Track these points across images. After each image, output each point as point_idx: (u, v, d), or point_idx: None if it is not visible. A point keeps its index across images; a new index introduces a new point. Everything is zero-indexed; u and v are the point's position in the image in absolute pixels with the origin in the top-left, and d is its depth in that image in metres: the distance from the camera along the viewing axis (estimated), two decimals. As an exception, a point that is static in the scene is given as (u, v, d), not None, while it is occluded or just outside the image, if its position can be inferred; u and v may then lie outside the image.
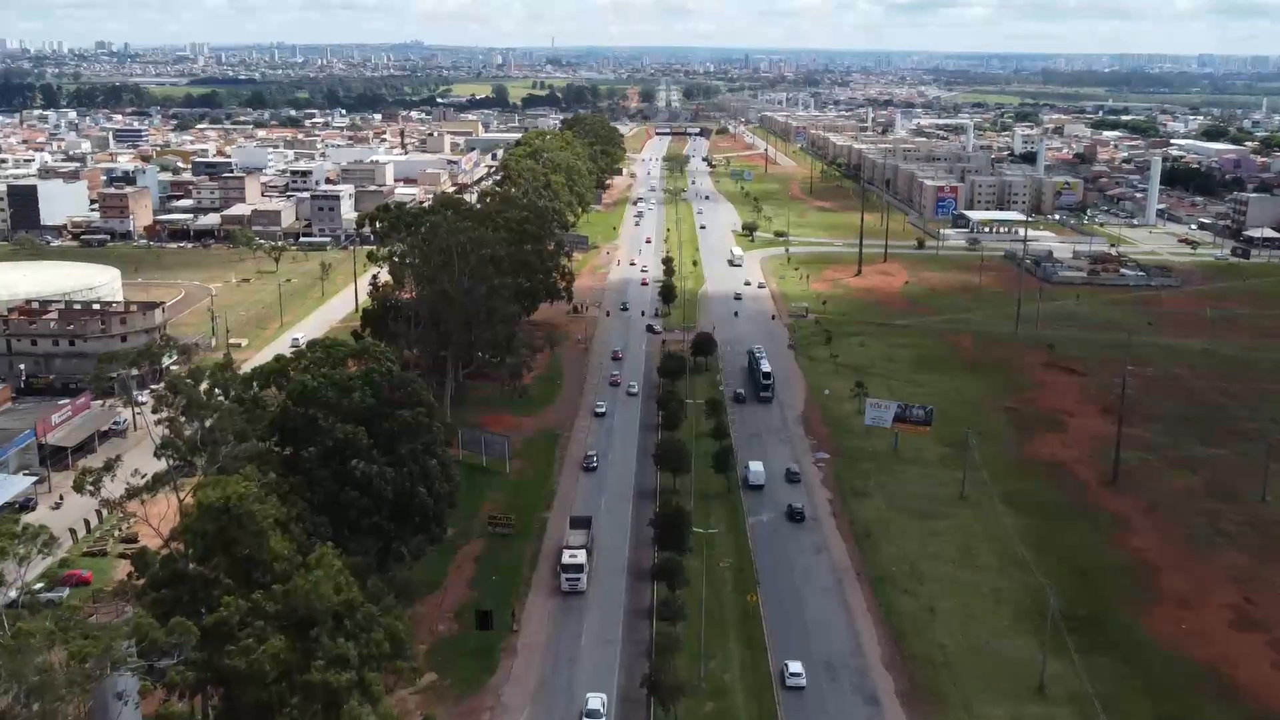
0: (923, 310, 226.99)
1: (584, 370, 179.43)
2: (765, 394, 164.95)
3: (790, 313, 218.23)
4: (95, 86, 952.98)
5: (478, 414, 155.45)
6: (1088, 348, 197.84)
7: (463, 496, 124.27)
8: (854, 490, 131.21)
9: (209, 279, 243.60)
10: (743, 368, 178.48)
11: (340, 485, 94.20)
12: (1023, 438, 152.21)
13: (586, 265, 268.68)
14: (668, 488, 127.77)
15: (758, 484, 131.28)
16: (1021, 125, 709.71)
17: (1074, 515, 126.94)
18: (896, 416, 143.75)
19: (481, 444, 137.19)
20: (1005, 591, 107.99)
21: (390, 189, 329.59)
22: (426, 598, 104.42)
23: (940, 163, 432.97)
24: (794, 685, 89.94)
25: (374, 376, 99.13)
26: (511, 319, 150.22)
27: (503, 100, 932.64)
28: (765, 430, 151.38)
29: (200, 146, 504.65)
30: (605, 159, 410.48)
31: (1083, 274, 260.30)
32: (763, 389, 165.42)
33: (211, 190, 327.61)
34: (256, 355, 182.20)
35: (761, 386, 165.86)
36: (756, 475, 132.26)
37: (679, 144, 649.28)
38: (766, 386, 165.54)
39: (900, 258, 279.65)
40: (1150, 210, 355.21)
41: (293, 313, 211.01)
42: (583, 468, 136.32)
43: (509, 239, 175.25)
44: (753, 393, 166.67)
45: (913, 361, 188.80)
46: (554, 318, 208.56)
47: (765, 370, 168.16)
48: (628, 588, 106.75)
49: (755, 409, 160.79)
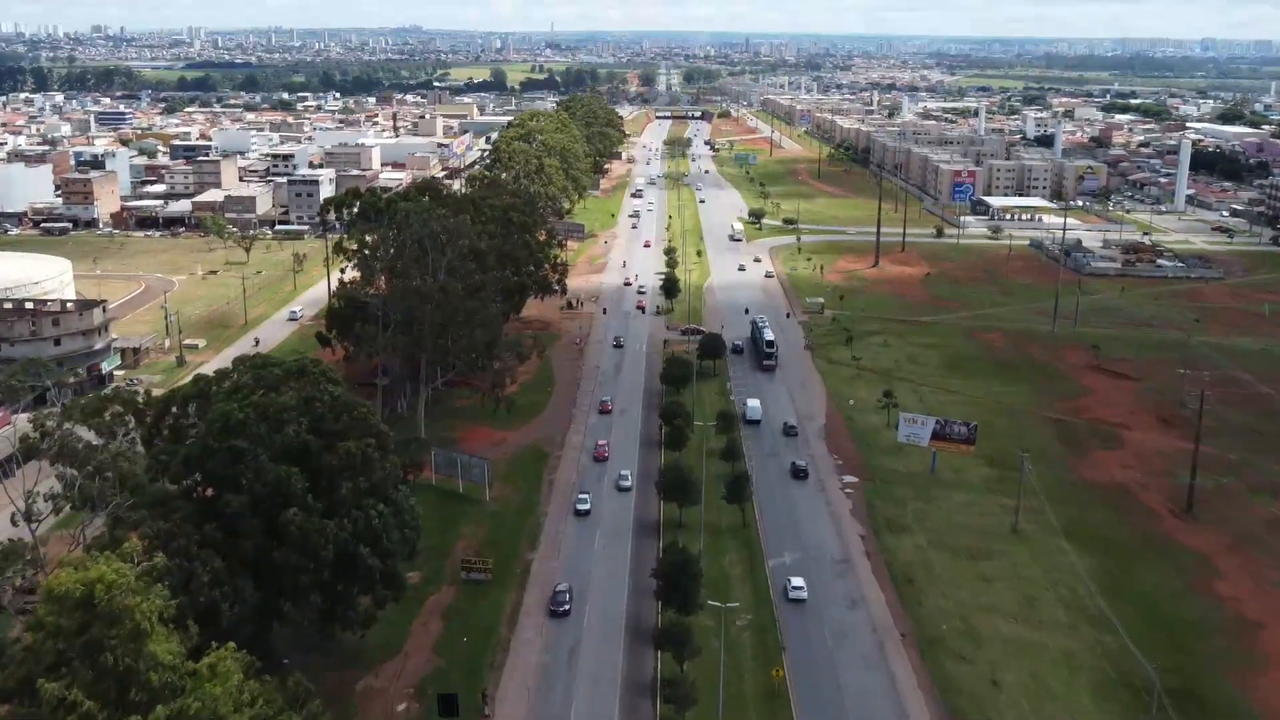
0: (948, 305, 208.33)
1: (578, 374, 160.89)
2: (768, 362, 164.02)
3: (804, 309, 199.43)
4: (87, 70, 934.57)
5: (455, 427, 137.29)
6: (1133, 347, 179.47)
7: (435, 530, 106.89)
8: (889, 523, 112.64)
9: (174, 270, 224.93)
10: (746, 338, 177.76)
11: (272, 540, 76.06)
12: (1075, 455, 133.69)
13: (583, 255, 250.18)
14: (673, 520, 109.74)
15: (755, 419, 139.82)
16: (1031, 109, 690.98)
17: (1147, 553, 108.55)
18: (935, 434, 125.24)
19: (458, 467, 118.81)
20: (1079, 656, 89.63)
21: (374, 174, 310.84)
22: (383, 665, 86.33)
23: (953, 146, 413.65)
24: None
25: (314, 404, 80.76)
26: (494, 321, 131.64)
27: (501, 84, 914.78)
28: (784, 449, 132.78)
29: (185, 129, 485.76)
30: (603, 142, 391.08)
31: (1116, 265, 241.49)
32: (765, 357, 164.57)
33: (185, 175, 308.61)
34: (215, 358, 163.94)
35: (764, 355, 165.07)
36: (754, 410, 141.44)
37: (680, 127, 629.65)
38: (769, 355, 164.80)
39: (919, 247, 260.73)
40: (1179, 196, 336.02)
41: (260, 308, 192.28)
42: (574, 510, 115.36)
43: (495, 228, 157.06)
44: (755, 362, 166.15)
45: (942, 364, 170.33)
46: (546, 314, 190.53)
47: (768, 339, 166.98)
48: (625, 654, 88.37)
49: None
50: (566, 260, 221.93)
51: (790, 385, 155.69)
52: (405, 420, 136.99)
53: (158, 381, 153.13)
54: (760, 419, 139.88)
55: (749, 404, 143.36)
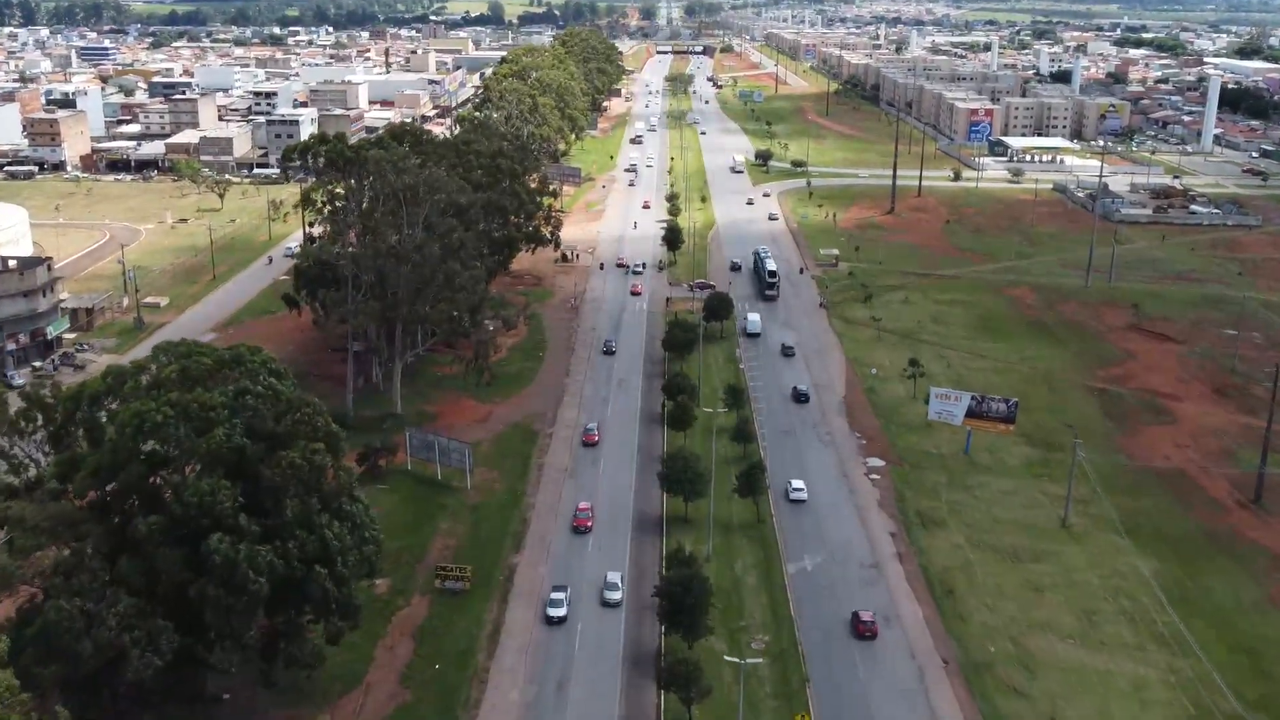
0: (971, 256, 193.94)
1: (572, 337, 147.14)
2: (770, 292, 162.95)
3: (818, 261, 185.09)
4: (75, 4, 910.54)
5: (435, 398, 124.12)
6: (1173, 305, 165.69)
7: (407, 527, 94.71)
8: (922, 517, 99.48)
9: (142, 218, 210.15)
10: (749, 268, 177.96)
11: (194, 572, 62.99)
12: (1123, 432, 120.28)
13: (579, 199, 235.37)
14: (679, 516, 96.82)
15: (754, 332, 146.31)
16: (1041, 43, 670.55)
17: (1216, 554, 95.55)
18: (970, 411, 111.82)
19: (435, 450, 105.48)
20: (1151, 687, 76.87)
21: (360, 113, 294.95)
22: (341, 701, 73.73)
23: (967, 83, 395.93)
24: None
25: (247, 400, 67.27)
26: (477, 284, 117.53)
27: (498, 18, 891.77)
28: (799, 425, 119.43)
29: (168, 65, 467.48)
30: (602, 78, 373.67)
31: (1147, 211, 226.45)
32: (768, 287, 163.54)
33: (161, 115, 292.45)
34: (178, 319, 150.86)
35: (767, 285, 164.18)
36: (754, 324, 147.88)
37: (681, 63, 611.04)
38: (772, 285, 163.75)
39: (935, 192, 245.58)
40: (1206, 135, 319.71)
41: (230, 261, 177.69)
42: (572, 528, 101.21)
43: (481, 176, 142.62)
44: (758, 292, 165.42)
45: (969, 324, 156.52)
46: (539, 267, 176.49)
47: (770, 269, 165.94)
48: (624, 688, 75.61)
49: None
50: (562, 207, 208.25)
51: (805, 352, 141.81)
52: (380, 393, 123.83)
53: (111, 346, 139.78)
54: (760, 333, 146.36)
55: (749, 318, 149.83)
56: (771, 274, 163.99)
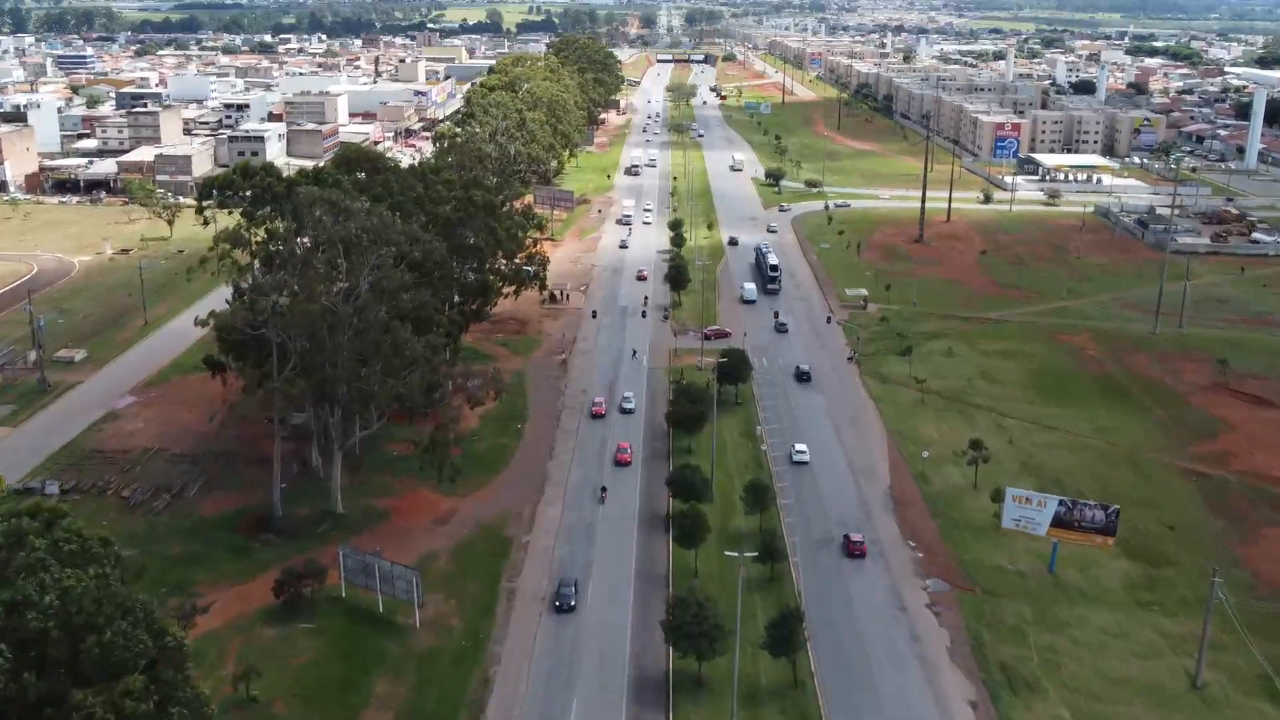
0: (1014, 294, 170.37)
1: (559, 403, 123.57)
2: (772, 285, 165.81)
3: (843, 303, 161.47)
4: (67, 11, 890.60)
5: (386, 489, 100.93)
6: (1259, 356, 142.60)
7: (334, 688, 71.38)
8: (1009, 674, 75.55)
9: (79, 248, 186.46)
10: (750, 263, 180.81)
11: None
12: (1238, 536, 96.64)
13: (572, 226, 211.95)
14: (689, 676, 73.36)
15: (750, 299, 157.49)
16: (1054, 52, 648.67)
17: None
18: (1057, 520, 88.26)
19: (375, 575, 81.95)
20: None
21: (335, 127, 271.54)
22: None
23: (985, 94, 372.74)
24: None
25: (28, 619, 43.74)
26: (434, 353, 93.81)
27: (496, 25, 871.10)
28: (838, 520, 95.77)
29: (147, 74, 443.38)
30: (599, 89, 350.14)
31: (1203, 239, 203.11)
32: (770, 280, 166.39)
33: (120, 129, 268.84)
34: (93, 376, 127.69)
35: (769, 279, 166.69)
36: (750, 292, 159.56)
37: (682, 72, 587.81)
38: (774, 279, 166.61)
39: (965, 215, 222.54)
40: (1251, 152, 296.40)
41: (169, 303, 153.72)
42: (554, 606, 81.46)
43: (451, 213, 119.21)
44: (760, 286, 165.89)
45: (1025, 381, 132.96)
46: (523, 309, 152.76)
47: (773, 263, 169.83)
48: None
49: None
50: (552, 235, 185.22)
51: (837, 420, 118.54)
52: (319, 481, 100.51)
53: (4, 416, 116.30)
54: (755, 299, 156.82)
55: (745, 286, 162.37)
56: (774, 268, 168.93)
